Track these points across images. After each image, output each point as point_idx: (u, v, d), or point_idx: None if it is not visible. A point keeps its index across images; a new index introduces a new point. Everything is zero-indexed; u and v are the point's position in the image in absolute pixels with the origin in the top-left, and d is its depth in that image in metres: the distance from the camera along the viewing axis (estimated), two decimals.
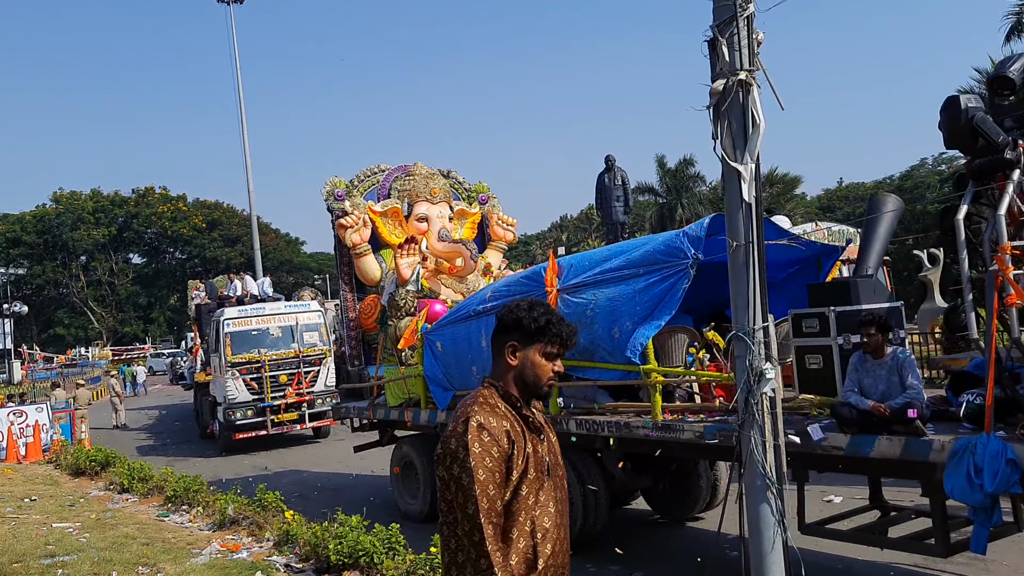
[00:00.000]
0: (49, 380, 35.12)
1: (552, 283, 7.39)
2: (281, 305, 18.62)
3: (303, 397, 16.90)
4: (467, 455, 2.30)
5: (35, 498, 11.25)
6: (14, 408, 17.64)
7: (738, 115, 3.66)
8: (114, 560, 7.36)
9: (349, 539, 6.98)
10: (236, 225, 73.09)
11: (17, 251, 69.73)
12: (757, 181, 3.67)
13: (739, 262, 3.73)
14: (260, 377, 16.67)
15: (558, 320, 2.53)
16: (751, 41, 3.60)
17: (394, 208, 11.92)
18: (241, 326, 17.10)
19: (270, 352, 16.90)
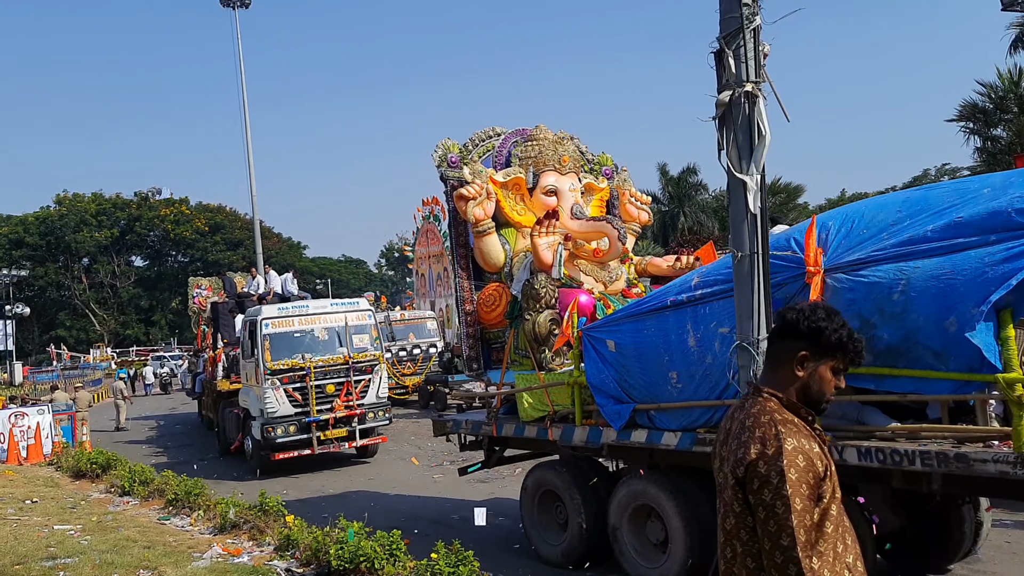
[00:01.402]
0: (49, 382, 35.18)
1: (815, 260, 5.10)
2: (327, 303, 15.99)
3: (353, 410, 14.49)
4: (782, 482, 2.15)
5: (36, 500, 11.27)
6: (15, 410, 17.65)
7: (744, 127, 3.68)
8: (115, 563, 7.37)
9: (350, 544, 7.00)
10: (239, 229, 73.18)
11: (20, 252, 69.82)
12: (763, 192, 3.70)
13: (744, 272, 3.76)
14: (304, 387, 14.24)
15: (856, 336, 2.35)
16: (757, 53, 3.63)
17: (517, 178, 9.67)
18: (281, 327, 14.63)
19: (315, 358, 14.51)
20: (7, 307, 53.04)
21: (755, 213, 3.72)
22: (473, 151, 10.16)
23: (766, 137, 3.68)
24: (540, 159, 9.89)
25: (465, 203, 9.16)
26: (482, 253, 9.40)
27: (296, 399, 14.19)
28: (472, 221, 9.21)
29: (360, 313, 15.42)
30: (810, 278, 4.94)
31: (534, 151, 9.99)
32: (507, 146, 10.30)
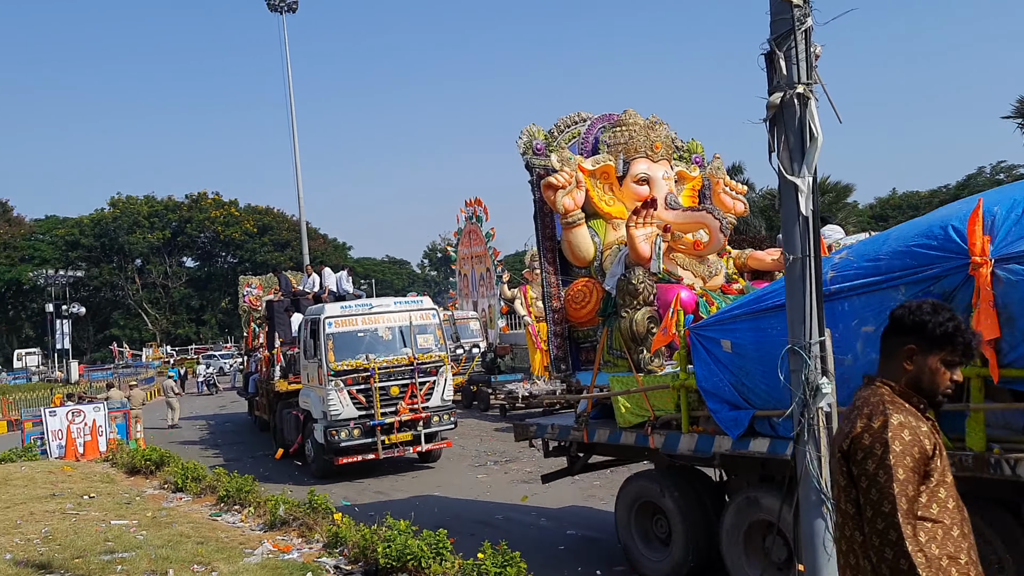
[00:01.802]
0: (105, 380, 36.11)
1: (982, 249, 4.50)
2: (390, 301, 15.35)
3: (419, 414, 13.96)
4: (886, 452, 2.27)
5: (93, 495, 11.57)
6: (73, 407, 18.14)
7: (795, 128, 3.65)
8: (170, 558, 7.55)
9: (397, 542, 7.07)
10: (286, 230, 74.36)
11: (75, 254, 71.83)
12: (814, 194, 3.66)
13: (796, 275, 3.73)
14: (368, 389, 13.73)
15: (965, 327, 2.45)
16: (809, 54, 3.60)
17: (607, 166, 8.97)
18: (345, 326, 14.16)
19: (379, 358, 13.99)
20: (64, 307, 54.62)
21: (806, 215, 3.69)
22: (559, 137, 9.54)
23: (818, 139, 3.65)
24: (631, 145, 9.21)
25: (554, 192, 8.48)
26: (571, 246, 8.75)
27: (360, 401, 13.72)
28: (561, 212, 8.55)
29: (424, 312, 14.88)
30: (975, 269, 4.41)
31: (624, 137, 9.28)
32: (594, 132, 9.64)
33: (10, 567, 7.39)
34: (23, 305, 73.01)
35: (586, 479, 12.01)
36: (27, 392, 36.16)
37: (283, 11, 39.33)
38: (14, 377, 51.80)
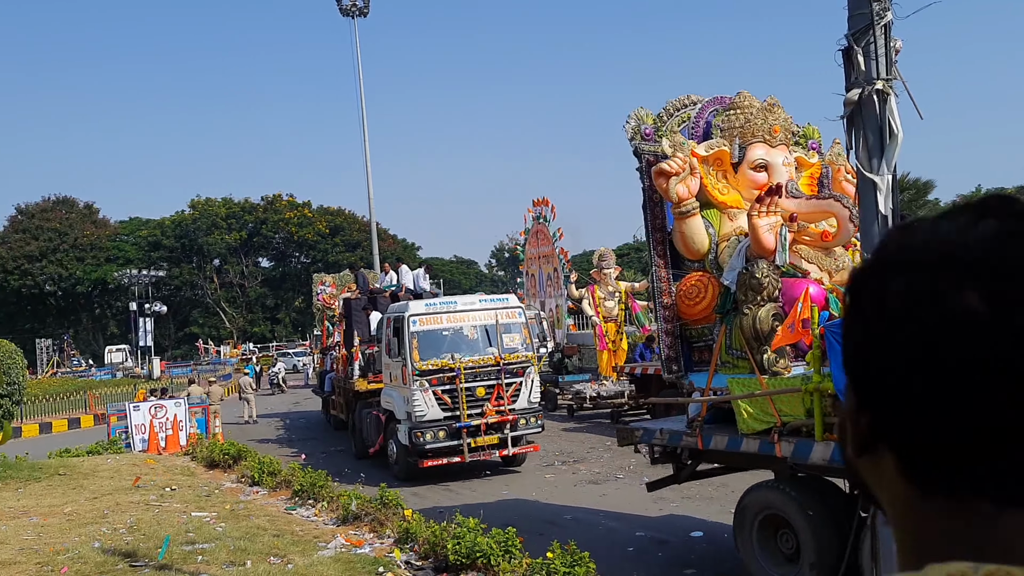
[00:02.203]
0: (185, 377, 37.33)
1: None
2: (475, 299, 14.86)
3: (505, 416, 13.33)
4: None
5: (175, 488, 11.99)
6: (155, 402, 18.81)
7: (874, 125, 3.56)
8: (248, 550, 7.77)
9: (467, 540, 7.15)
10: (356, 230, 75.67)
11: (157, 254, 74.49)
12: (894, 192, 3.57)
13: None
14: (453, 389, 13.18)
15: None
16: (888, 50, 3.50)
17: (721, 152, 8.33)
18: (429, 324, 13.62)
19: (465, 358, 13.41)
20: (147, 305, 56.67)
21: (886, 214, 3.59)
22: (668, 122, 8.88)
23: (898, 136, 3.54)
24: (747, 129, 8.53)
25: (666, 180, 7.83)
26: (684, 237, 8.10)
27: (445, 402, 13.18)
28: (674, 200, 7.90)
29: (510, 310, 14.26)
30: None
31: (740, 120, 8.60)
32: (705, 116, 8.98)
33: (98, 555, 7.72)
34: (108, 304, 76.04)
35: None
36: (112, 387, 37.61)
37: (355, 15, 40.05)
38: (105, 372, 53.97)
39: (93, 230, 74.99)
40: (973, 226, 0.66)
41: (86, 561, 7.46)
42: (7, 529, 8.90)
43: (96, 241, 74.13)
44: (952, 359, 0.63)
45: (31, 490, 11.62)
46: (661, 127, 8.71)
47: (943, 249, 0.66)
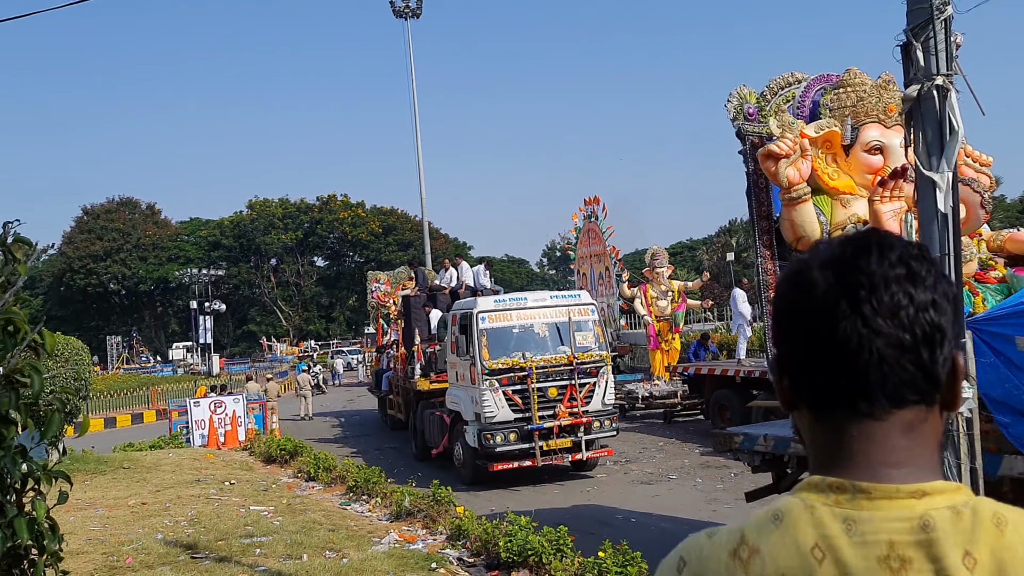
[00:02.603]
0: (244, 373, 38.14)
1: None
2: (546, 295, 14.19)
3: (579, 418, 12.63)
4: None
5: (234, 482, 12.26)
6: (215, 399, 19.26)
7: (933, 122, 3.49)
8: (304, 543, 7.92)
9: (518, 538, 7.18)
10: (409, 230, 76.44)
11: (217, 254, 76.30)
12: (954, 190, 3.49)
13: None
14: (524, 390, 12.55)
15: None
16: (948, 44, 3.42)
17: (832, 133, 7.80)
18: (499, 322, 13.05)
19: (536, 357, 12.77)
20: (207, 304, 58.07)
21: (945, 212, 3.51)
22: (772, 101, 8.33)
23: (958, 132, 3.46)
24: (860, 109, 7.95)
25: (774, 163, 7.27)
26: (793, 225, 7.47)
27: (516, 403, 12.54)
28: (783, 185, 7.32)
29: (583, 307, 13.61)
30: None
31: (851, 99, 8.01)
32: (811, 95, 8.36)
33: (161, 546, 7.95)
34: (170, 302, 78.12)
35: (709, 481, 11.81)
36: (174, 384, 38.63)
37: (407, 17, 40.46)
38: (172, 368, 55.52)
39: (155, 230, 77.10)
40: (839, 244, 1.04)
41: (149, 552, 7.68)
42: (75, 520, 9.22)
43: (158, 241, 76.20)
44: (806, 309, 1.02)
45: (97, 483, 12.01)
46: (764, 106, 8.16)
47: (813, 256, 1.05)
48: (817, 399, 1.04)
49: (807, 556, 0.96)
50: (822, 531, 0.97)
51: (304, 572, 6.94)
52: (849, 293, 0.99)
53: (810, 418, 1.06)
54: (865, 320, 0.98)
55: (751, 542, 1.01)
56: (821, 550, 0.95)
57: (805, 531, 0.98)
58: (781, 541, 0.98)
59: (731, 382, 15.47)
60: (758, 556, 0.99)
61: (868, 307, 0.98)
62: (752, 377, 14.76)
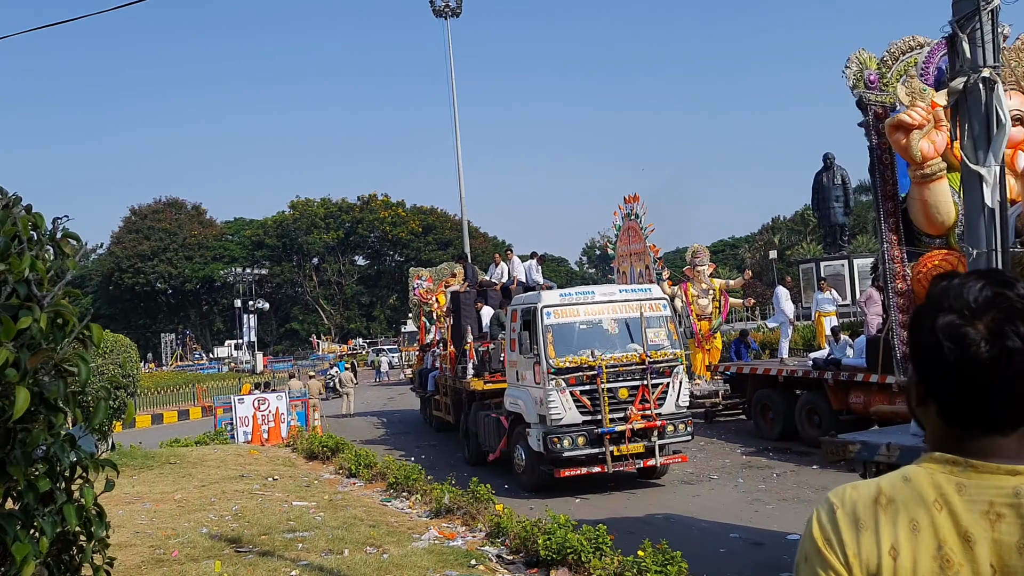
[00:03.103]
0: (286, 371, 38.66)
1: None
2: (614, 289, 13.23)
3: (652, 421, 11.67)
4: None
5: (276, 477, 12.44)
6: (258, 396, 19.54)
7: (979, 115, 3.41)
8: (345, 539, 8.01)
9: (557, 536, 7.18)
10: (448, 229, 76.80)
11: (260, 253, 77.46)
12: (1001, 184, 3.41)
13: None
14: (594, 390, 11.64)
15: None
16: (995, 36, 3.35)
17: None
18: (565, 317, 12.15)
19: (607, 355, 11.83)
20: (251, 302, 59.01)
21: (992, 207, 3.43)
22: (894, 67, 7.58)
23: (1005, 125, 3.38)
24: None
25: (905, 135, 6.39)
26: (925, 207, 6.68)
27: (584, 405, 11.64)
28: (916, 160, 6.51)
29: (654, 302, 12.61)
30: None
31: None
32: (935, 60, 7.38)
33: (206, 540, 8.10)
34: (215, 300, 79.47)
35: (751, 481, 11.69)
36: (219, 381, 39.28)
37: (447, 16, 40.63)
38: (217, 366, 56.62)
39: (200, 230, 78.50)
40: (975, 287, 1.32)
41: (195, 545, 7.83)
42: (123, 514, 9.43)
43: (203, 240, 77.58)
44: (964, 360, 1.30)
45: (144, 477, 12.27)
46: (886, 72, 7.51)
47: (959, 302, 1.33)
48: (956, 417, 1.38)
49: (930, 507, 1.34)
50: (940, 491, 1.35)
51: (345, 567, 7.02)
52: (1006, 355, 1.29)
53: (939, 421, 1.41)
54: (1013, 371, 1.30)
55: (887, 493, 1.38)
56: (940, 503, 1.34)
57: (928, 490, 1.36)
58: (911, 495, 1.36)
59: (774, 381, 15.26)
60: (893, 504, 1.37)
61: (1018, 361, 1.30)
62: (795, 377, 14.55)
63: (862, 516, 1.38)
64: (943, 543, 1.32)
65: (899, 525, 1.35)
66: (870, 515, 1.37)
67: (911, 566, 1.32)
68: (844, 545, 1.37)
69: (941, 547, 1.32)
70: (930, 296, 1.39)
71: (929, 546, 1.32)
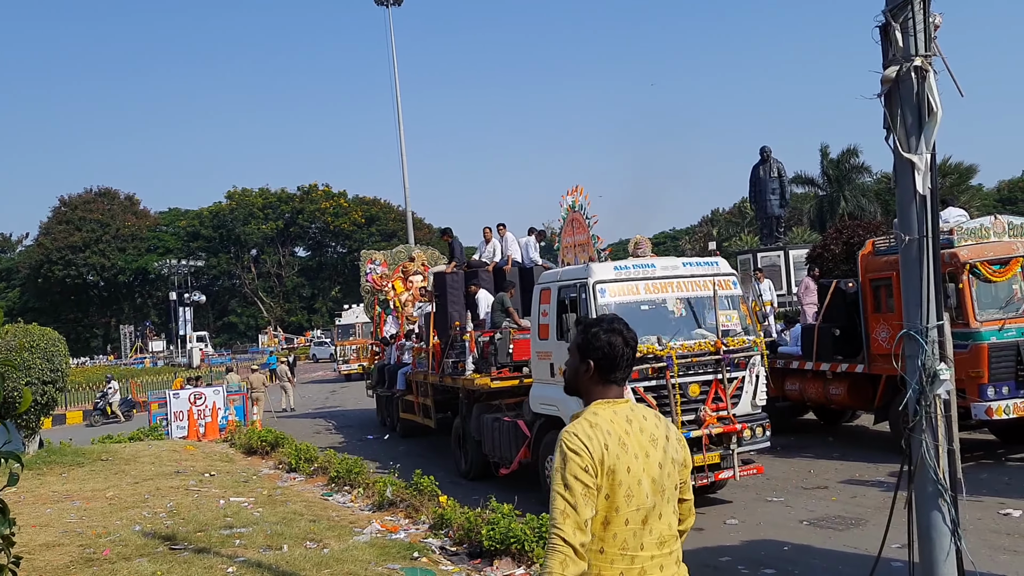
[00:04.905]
0: (224, 365, 37.91)
1: None
2: (678, 262, 10.58)
3: (732, 425, 9.38)
4: None
5: (214, 473, 12.17)
6: (194, 390, 19.13)
7: (912, 103, 3.47)
8: (285, 534, 7.87)
9: (501, 526, 7.16)
10: (392, 220, 76.22)
11: (196, 244, 75.77)
12: (932, 172, 3.48)
13: (912, 257, 3.56)
14: (661, 387, 9.29)
15: None
16: (927, 25, 3.41)
17: None
18: (623, 295, 9.80)
19: (675, 343, 9.49)
20: (186, 295, 57.73)
21: (924, 194, 3.51)
22: None
23: (937, 113, 3.46)
24: None
25: None
26: None
27: (650, 405, 8.85)
28: None
29: (724, 278, 10.33)
30: None
31: None
32: None
33: (139, 537, 7.87)
34: (149, 293, 77.52)
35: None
36: (153, 376, 38.34)
37: (388, 4, 40.19)
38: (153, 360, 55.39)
39: (134, 221, 76.47)
40: (609, 320, 2.67)
41: (127, 544, 7.60)
42: (52, 512, 9.12)
43: (137, 231, 75.57)
44: (606, 347, 2.60)
45: (74, 475, 11.89)
46: None
47: (605, 324, 2.66)
48: (606, 378, 2.61)
49: (612, 423, 2.50)
50: (617, 415, 2.53)
51: (285, 563, 6.89)
52: (622, 338, 2.62)
53: (597, 380, 2.62)
54: (627, 355, 2.62)
55: (593, 422, 2.50)
56: (615, 420, 2.52)
57: (611, 416, 2.52)
58: (612, 418, 2.52)
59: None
60: (599, 428, 2.47)
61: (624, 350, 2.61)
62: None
63: (591, 434, 2.43)
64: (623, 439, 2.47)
65: (609, 439, 2.44)
66: (595, 434, 2.44)
67: (615, 459, 2.41)
68: (591, 451, 2.39)
69: (621, 439, 2.46)
70: (596, 323, 2.66)
71: (609, 437, 2.46)
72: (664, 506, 2.47)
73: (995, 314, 10.72)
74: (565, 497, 2.31)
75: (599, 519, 2.36)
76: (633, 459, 2.40)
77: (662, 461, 2.47)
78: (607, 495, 2.36)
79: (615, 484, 2.36)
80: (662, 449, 2.49)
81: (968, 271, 10.64)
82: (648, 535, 2.43)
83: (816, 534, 8.38)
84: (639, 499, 2.39)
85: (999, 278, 10.79)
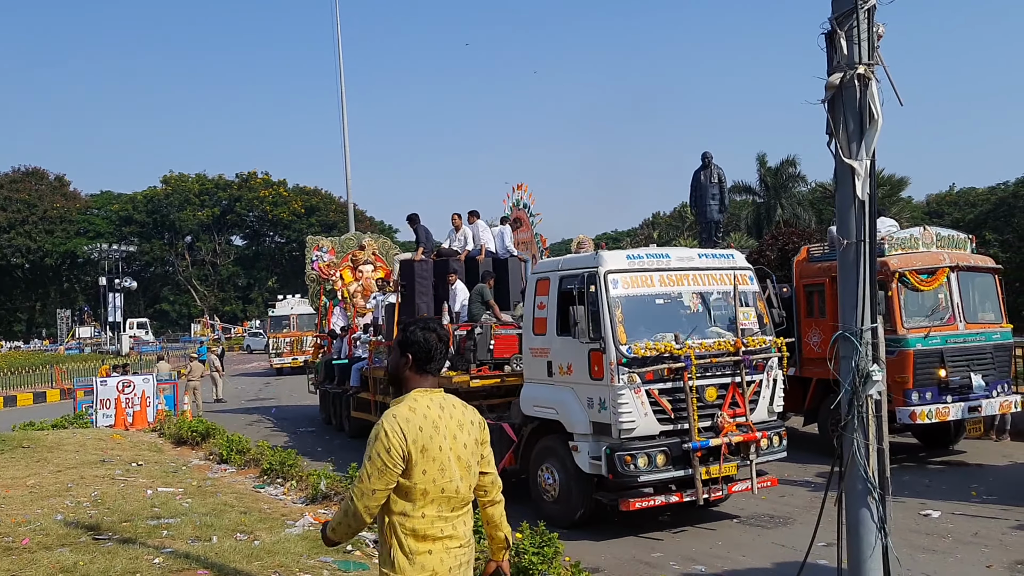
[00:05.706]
0: (155, 353, 36.97)
1: None
2: (693, 253, 9.65)
3: (751, 433, 8.61)
4: None
5: (141, 463, 11.86)
6: (123, 378, 18.60)
7: (854, 110, 3.58)
8: (214, 525, 7.70)
9: None
10: (333, 211, 75.26)
11: (128, 229, 73.65)
12: (872, 178, 3.59)
13: (849, 260, 3.66)
14: (678, 390, 8.51)
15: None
16: (871, 34, 3.52)
17: None
18: (636, 287, 8.86)
19: (694, 342, 8.65)
20: (116, 281, 56.09)
21: (863, 200, 3.62)
22: None
23: (878, 121, 3.58)
24: None
25: None
26: None
27: (663, 409, 8.43)
28: None
29: (741, 272, 9.54)
30: None
31: None
32: None
33: (61, 527, 7.61)
34: (77, 278, 75.10)
35: None
36: (80, 362, 37.20)
37: None
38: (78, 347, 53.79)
39: (63, 202, 73.96)
40: (426, 321, 3.26)
41: (48, 533, 7.35)
42: None
43: (66, 214, 73.13)
44: (422, 342, 3.12)
45: None
46: None
47: (422, 323, 3.21)
48: (422, 365, 3.12)
49: (437, 409, 3.05)
50: (432, 403, 3.06)
51: (214, 554, 6.74)
52: (436, 335, 3.18)
53: (415, 372, 3.12)
54: (441, 349, 3.17)
55: (412, 408, 3.01)
56: (431, 407, 3.04)
57: (427, 403, 3.04)
58: (429, 404, 3.05)
59: None
60: (416, 413, 2.98)
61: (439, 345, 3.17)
62: None
63: (409, 417, 2.94)
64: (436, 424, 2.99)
65: (425, 422, 2.96)
66: (413, 416, 2.96)
67: (428, 439, 2.94)
68: (405, 433, 2.90)
69: (435, 422, 2.99)
70: (414, 323, 3.18)
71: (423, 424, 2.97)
72: (469, 479, 3.08)
73: (921, 322, 11.13)
74: (366, 467, 2.92)
75: (418, 488, 2.92)
76: (443, 439, 2.97)
77: (467, 442, 3.07)
78: (424, 470, 2.92)
79: (429, 459, 2.93)
80: (467, 432, 3.08)
81: (897, 279, 11.02)
82: (453, 500, 3.02)
83: (746, 532, 8.58)
84: (449, 472, 2.97)
85: (926, 287, 11.21)
